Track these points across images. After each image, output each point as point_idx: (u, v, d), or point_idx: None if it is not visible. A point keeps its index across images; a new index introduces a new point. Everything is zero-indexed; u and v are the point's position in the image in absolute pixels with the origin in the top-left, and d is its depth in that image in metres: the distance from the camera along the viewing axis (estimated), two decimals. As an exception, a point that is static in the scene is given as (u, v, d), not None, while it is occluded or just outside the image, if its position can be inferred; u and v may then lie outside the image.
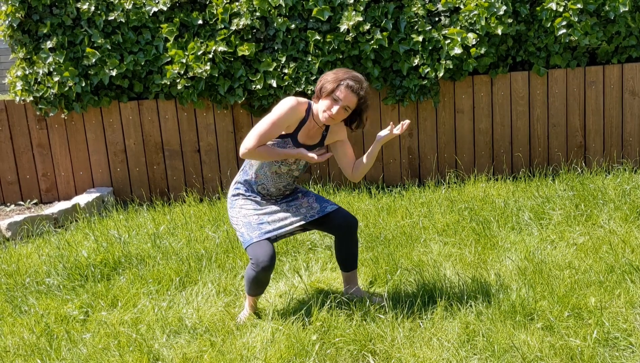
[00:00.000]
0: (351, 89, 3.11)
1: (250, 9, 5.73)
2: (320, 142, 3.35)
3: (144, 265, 4.25)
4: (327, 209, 3.38)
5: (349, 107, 3.14)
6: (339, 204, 4.27)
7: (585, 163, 5.98)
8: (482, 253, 4.05)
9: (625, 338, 2.94)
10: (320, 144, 3.35)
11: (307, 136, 3.29)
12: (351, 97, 3.12)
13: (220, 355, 3.01)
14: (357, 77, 3.16)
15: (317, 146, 3.34)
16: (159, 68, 5.89)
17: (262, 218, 3.30)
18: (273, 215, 3.33)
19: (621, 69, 5.84)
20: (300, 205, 3.40)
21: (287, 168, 3.33)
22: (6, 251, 4.82)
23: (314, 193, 3.52)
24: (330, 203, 3.43)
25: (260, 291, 3.34)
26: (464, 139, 6.00)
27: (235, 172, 6.10)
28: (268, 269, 3.16)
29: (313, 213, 3.38)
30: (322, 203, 3.42)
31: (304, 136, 3.28)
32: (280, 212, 3.35)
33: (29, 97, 5.92)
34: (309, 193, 3.49)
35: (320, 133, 3.34)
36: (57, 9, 5.88)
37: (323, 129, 3.34)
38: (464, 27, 5.67)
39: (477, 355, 2.90)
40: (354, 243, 3.45)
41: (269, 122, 3.13)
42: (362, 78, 3.18)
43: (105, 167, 6.14)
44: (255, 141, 3.12)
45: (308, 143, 3.30)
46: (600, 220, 4.45)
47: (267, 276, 3.22)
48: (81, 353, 3.12)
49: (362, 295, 3.50)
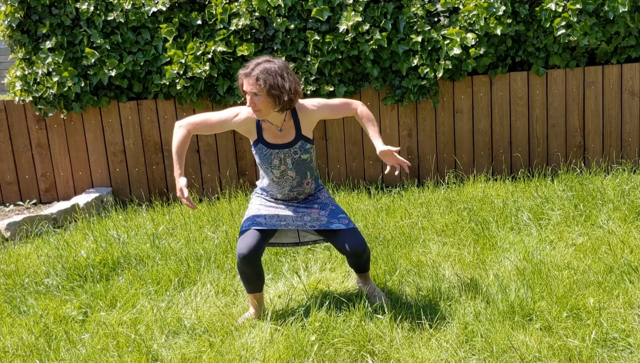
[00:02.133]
0: (245, 75, 3.05)
1: (250, 9, 5.73)
2: (298, 135, 3.21)
3: (143, 266, 4.25)
4: (331, 226, 3.27)
5: (255, 93, 3.03)
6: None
7: (585, 163, 5.98)
8: (481, 254, 4.05)
9: (623, 338, 2.94)
10: (300, 137, 3.21)
11: (274, 136, 3.21)
12: (248, 81, 3.04)
13: (219, 356, 3.01)
14: (250, 61, 3.10)
15: (297, 141, 3.21)
16: (158, 68, 5.89)
17: (261, 212, 3.30)
18: (273, 210, 3.32)
19: (620, 69, 5.84)
20: (308, 214, 3.32)
21: (278, 172, 3.27)
22: (5, 252, 4.82)
23: (335, 207, 3.35)
24: (340, 221, 3.28)
25: (251, 287, 3.32)
26: (463, 140, 6.01)
27: (234, 172, 6.11)
28: (246, 260, 3.15)
29: (315, 224, 3.30)
30: (332, 218, 3.29)
31: (271, 137, 3.21)
32: (283, 211, 3.32)
33: (28, 97, 5.91)
34: (328, 206, 3.34)
35: (292, 128, 3.21)
36: (56, 9, 5.88)
37: (291, 124, 3.20)
38: (463, 28, 5.67)
39: (476, 356, 2.90)
40: (362, 261, 3.40)
41: (211, 114, 3.22)
42: (258, 60, 3.07)
43: (104, 167, 6.14)
44: (188, 121, 3.20)
45: (283, 141, 3.21)
46: (599, 220, 4.45)
47: (248, 269, 3.20)
48: (80, 354, 3.12)
49: (372, 293, 3.50)
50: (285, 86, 3.03)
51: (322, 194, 3.43)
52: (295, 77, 3.12)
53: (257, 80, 3.01)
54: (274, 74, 3.02)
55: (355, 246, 3.26)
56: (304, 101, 3.26)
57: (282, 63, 3.09)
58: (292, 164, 3.25)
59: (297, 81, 3.11)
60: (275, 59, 3.09)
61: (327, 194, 3.45)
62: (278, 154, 3.22)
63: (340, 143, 6.06)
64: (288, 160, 3.23)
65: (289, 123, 3.21)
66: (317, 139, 5.98)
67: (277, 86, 3.01)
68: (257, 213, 3.30)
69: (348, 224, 3.28)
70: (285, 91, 3.03)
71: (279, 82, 3.02)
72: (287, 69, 3.08)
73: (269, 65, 3.04)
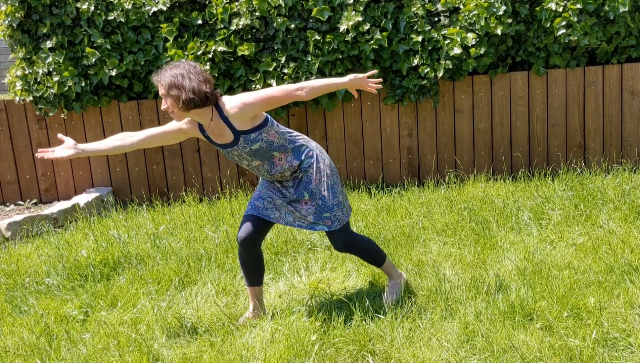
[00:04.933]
0: (155, 81, 3.16)
1: (250, 9, 5.73)
2: (235, 132, 3.17)
3: (144, 265, 4.25)
4: (315, 227, 3.30)
5: (165, 95, 3.11)
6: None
7: (585, 163, 5.98)
8: (481, 253, 4.05)
9: (624, 338, 2.94)
10: (238, 134, 3.17)
11: (217, 136, 3.22)
12: (158, 85, 3.14)
13: (219, 355, 3.01)
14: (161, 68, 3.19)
15: (238, 138, 3.17)
16: (158, 68, 5.89)
17: (262, 194, 3.35)
18: (271, 194, 3.35)
19: (621, 69, 5.84)
20: (298, 209, 3.32)
21: (245, 164, 3.29)
22: (6, 251, 4.82)
23: (322, 202, 3.28)
24: (323, 222, 3.28)
25: (250, 279, 3.37)
26: (463, 139, 6.01)
27: (235, 172, 6.11)
28: (242, 242, 3.27)
29: (302, 223, 3.33)
30: (317, 219, 3.29)
31: (216, 137, 3.24)
32: (279, 200, 3.34)
33: (28, 97, 5.91)
34: (316, 198, 3.28)
35: (225, 127, 3.18)
36: (57, 8, 5.88)
37: (222, 124, 3.18)
38: (463, 27, 5.67)
39: (477, 356, 2.90)
40: (360, 257, 3.47)
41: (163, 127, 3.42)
42: (166, 67, 3.15)
43: (104, 167, 6.14)
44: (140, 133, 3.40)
45: (226, 141, 3.22)
46: (600, 220, 4.45)
47: (247, 254, 3.30)
48: (81, 353, 3.12)
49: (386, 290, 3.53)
50: (185, 84, 3.06)
51: (313, 173, 3.29)
52: (205, 77, 3.12)
53: (160, 83, 3.13)
54: (176, 75, 3.09)
55: (337, 248, 3.38)
56: (227, 102, 3.17)
57: (188, 65, 3.14)
58: (251, 156, 3.23)
59: (206, 80, 3.11)
60: (182, 62, 3.17)
61: (319, 170, 3.31)
62: (231, 152, 3.25)
63: (341, 142, 6.06)
64: (244, 154, 3.24)
65: (219, 123, 3.18)
66: (318, 139, 5.98)
67: (175, 85, 3.07)
68: (258, 195, 3.37)
69: (330, 226, 3.29)
70: (184, 90, 3.06)
71: (178, 82, 3.07)
72: (193, 70, 3.12)
73: (174, 69, 3.12)
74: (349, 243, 3.36)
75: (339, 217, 3.31)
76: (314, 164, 3.31)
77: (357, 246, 3.40)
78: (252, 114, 3.15)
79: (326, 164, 3.34)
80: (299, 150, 3.30)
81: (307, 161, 3.31)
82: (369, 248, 3.45)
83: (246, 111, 3.13)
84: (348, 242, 3.36)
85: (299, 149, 3.31)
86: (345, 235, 3.34)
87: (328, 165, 3.35)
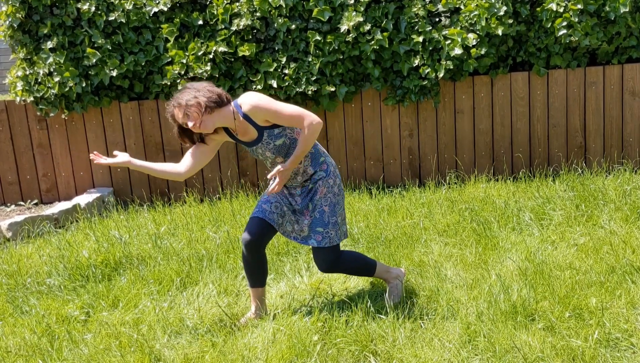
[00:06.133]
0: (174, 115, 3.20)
1: (251, 10, 5.73)
2: (259, 129, 3.23)
3: (145, 266, 4.25)
4: (308, 241, 3.34)
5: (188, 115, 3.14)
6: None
7: (586, 163, 5.98)
8: (482, 254, 4.05)
9: (626, 338, 2.94)
10: (261, 130, 3.23)
11: (243, 135, 3.29)
12: (178, 117, 3.18)
13: (221, 356, 3.01)
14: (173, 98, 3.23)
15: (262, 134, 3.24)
16: (159, 68, 5.89)
17: (271, 199, 3.36)
18: (278, 205, 3.35)
19: (621, 69, 5.85)
20: (299, 221, 3.36)
21: (269, 162, 3.36)
22: (7, 252, 4.81)
23: (319, 215, 3.31)
24: (315, 237, 3.31)
25: (253, 280, 3.39)
26: (464, 140, 6.01)
27: (235, 173, 6.11)
28: (247, 245, 3.29)
29: (297, 236, 3.38)
30: (311, 232, 3.32)
31: (242, 136, 3.30)
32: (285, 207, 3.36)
33: (29, 97, 5.91)
34: (316, 210, 3.32)
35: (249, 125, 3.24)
36: (58, 9, 5.88)
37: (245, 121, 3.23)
38: (464, 28, 5.67)
39: (479, 356, 2.90)
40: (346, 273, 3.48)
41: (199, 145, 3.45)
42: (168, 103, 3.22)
43: (105, 167, 6.14)
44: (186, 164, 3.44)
45: (251, 138, 3.28)
46: (601, 221, 4.45)
47: (250, 256, 3.31)
48: (82, 354, 3.12)
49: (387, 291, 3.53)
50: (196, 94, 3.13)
51: (322, 186, 3.33)
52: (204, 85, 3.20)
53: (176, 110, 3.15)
54: (183, 96, 3.15)
55: (320, 267, 3.39)
56: (244, 100, 3.22)
57: (185, 87, 3.20)
58: (274, 153, 3.29)
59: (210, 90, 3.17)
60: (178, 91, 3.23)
61: (328, 186, 3.35)
62: (256, 150, 3.31)
63: (341, 143, 6.06)
64: (268, 153, 3.29)
65: (241, 121, 3.23)
66: (318, 139, 5.98)
67: (189, 100, 3.13)
68: (267, 199, 3.37)
69: (320, 241, 3.31)
70: (199, 96, 3.12)
71: (189, 97, 3.14)
72: (191, 87, 3.19)
73: (177, 98, 3.17)
74: (333, 265, 3.37)
75: (331, 236, 3.31)
76: (325, 179, 3.36)
77: (340, 268, 3.41)
78: (262, 118, 3.20)
79: (336, 183, 3.40)
80: (317, 158, 3.37)
81: (320, 173, 3.36)
82: (355, 267, 3.45)
83: (257, 113, 3.19)
84: (332, 264, 3.36)
85: (317, 157, 3.38)
86: (330, 256, 3.34)
87: (338, 184, 3.40)
